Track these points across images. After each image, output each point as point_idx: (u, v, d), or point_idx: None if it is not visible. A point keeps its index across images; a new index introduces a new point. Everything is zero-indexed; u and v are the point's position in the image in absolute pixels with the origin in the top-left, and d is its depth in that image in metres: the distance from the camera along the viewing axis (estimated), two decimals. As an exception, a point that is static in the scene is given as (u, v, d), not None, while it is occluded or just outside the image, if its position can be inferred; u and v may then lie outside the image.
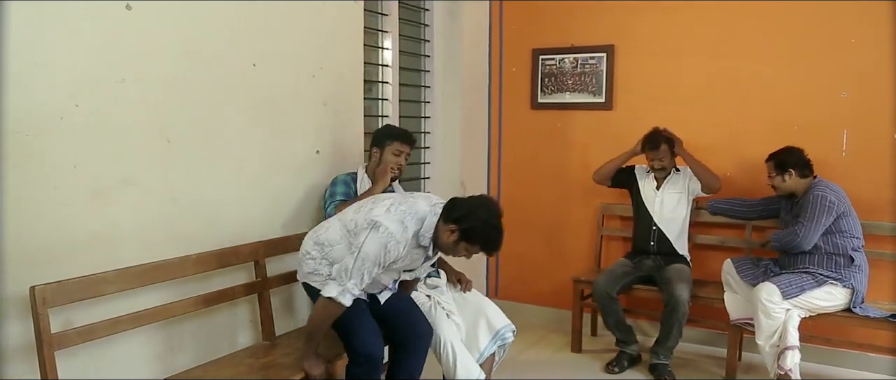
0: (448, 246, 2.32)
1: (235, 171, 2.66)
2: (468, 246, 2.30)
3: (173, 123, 2.39)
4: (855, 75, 3.42)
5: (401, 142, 2.89)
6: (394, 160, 2.89)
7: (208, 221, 2.55)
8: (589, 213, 4.12)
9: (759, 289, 3.08)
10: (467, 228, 2.26)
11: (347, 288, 2.19)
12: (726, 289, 3.38)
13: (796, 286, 3.06)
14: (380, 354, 2.32)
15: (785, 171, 3.19)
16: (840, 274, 3.08)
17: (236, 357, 2.49)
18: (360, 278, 2.20)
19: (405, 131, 2.97)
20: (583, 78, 4.05)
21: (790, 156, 3.20)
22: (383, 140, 2.91)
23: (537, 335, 4.03)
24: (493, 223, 2.30)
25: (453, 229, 2.26)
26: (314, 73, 3.01)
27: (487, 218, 2.29)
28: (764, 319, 3.05)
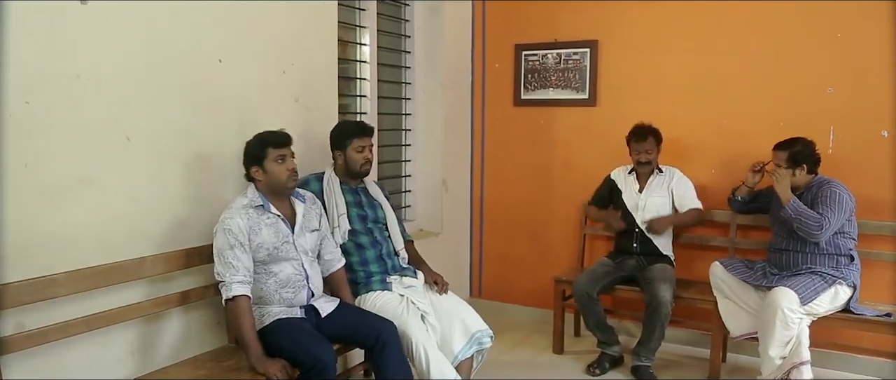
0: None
1: (200, 169, 2.59)
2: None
3: (132, 120, 2.32)
4: (841, 71, 3.35)
5: (360, 137, 2.84)
6: (360, 157, 2.84)
7: (172, 221, 2.48)
8: (572, 211, 4.05)
9: (778, 296, 2.87)
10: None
11: (226, 283, 2.29)
12: (718, 295, 3.23)
13: (811, 290, 2.91)
14: (328, 359, 2.24)
15: (798, 165, 3.05)
16: (844, 273, 3.00)
17: (198, 360, 2.42)
18: (228, 268, 2.30)
19: (360, 124, 2.92)
20: (566, 74, 3.98)
21: (806, 150, 3.06)
22: (343, 141, 2.86)
23: (520, 336, 3.96)
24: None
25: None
26: (285, 69, 2.94)
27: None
28: (780, 329, 2.86)
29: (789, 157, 3.06)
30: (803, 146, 3.07)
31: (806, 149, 3.06)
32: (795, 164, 3.05)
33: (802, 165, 3.05)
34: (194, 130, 2.55)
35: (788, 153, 3.06)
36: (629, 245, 3.50)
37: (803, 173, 3.07)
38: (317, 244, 2.62)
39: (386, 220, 3.02)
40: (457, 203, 4.30)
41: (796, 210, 2.98)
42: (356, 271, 2.87)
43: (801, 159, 3.05)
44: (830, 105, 3.37)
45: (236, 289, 2.29)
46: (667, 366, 3.52)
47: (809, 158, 3.06)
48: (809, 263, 3.02)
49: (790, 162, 3.05)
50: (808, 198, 3.07)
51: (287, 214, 2.51)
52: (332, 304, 2.61)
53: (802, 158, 3.05)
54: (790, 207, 2.99)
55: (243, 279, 2.32)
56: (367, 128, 2.89)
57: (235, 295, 2.28)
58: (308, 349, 2.24)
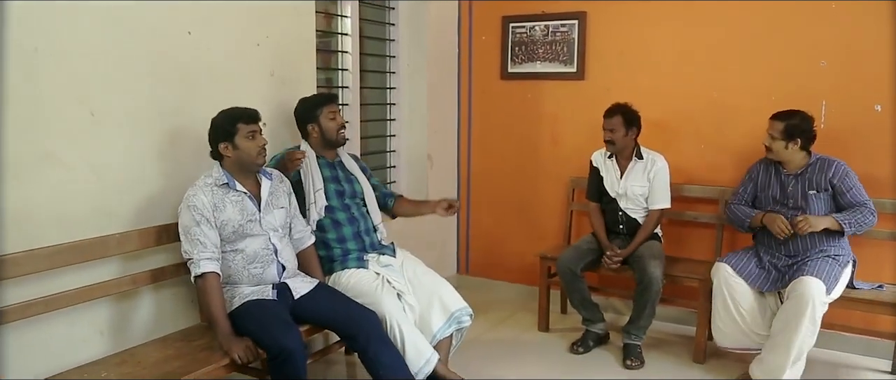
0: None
1: (171, 145, 2.53)
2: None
3: (97, 95, 2.25)
4: (834, 44, 3.25)
5: (328, 105, 2.81)
6: (335, 124, 2.81)
7: (142, 199, 2.43)
8: (560, 187, 3.98)
9: (809, 288, 2.66)
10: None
11: (194, 260, 2.26)
12: (716, 299, 3.01)
13: (833, 276, 2.77)
14: (294, 346, 2.19)
15: (792, 138, 2.90)
16: (848, 250, 2.94)
17: (168, 339, 2.39)
18: (195, 245, 2.27)
19: (324, 94, 2.93)
20: (554, 47, 3.88)
21: (803, 124, 2.90)
22: (313, 113, 2.81)
23: (506, 313, 3.93)
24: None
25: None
26: (259, 42, 2.85)
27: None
28: (808, 325, 2.67)
29: (785, 129, 2.90)
30: (801, 120, 2.92)
31: (804, 123, 2.92)
32: (790, 137, 2.91)
33: (797, 140, 2.92)
34: (164, 106, 2.48)
35: (785, 125, 2.90)
36: (615, 226, 3.43)
37: (796, 148, 2.93)
38: (285, 221, 2.56)
39: (364, 195, 2.96)
40: (443, 179, 4.23)
41: (853, 225, 2.84)
42: (332, 248, 2.82)
43: (796, 133, 2.91)
44: (823, 79, 3.28)
45: (205, 266, 2.24)
46: (652, 344, 3.49)
47: (805, 133, 2.93)
48: (819, 245, 2.90)
49: (785, 134, 2.91)
50: (812, 179, 2.93)
51: (253, 191, 2.45)
52: (308, 285, 2.56)
53: (799, 132, 2.91)
54: (848, 231, 2.84)
55: (212, 256, 2.27)
56: (332, 95, 2.87)
57: (204, 272, 2.24)
58: (274, 336, 2.19)
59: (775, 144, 2.95)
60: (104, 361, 2.21)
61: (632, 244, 3.30)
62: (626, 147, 3.34)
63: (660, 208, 3.34)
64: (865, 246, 3.21)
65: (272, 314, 2.29)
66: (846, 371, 3.19)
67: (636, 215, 3.37)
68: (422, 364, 2.56)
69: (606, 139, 3.32)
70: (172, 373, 2.09)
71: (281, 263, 2.48)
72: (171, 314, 2.54)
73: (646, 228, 3.32)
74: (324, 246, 2.83)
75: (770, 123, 2.98)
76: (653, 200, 3.33)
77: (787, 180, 3.00)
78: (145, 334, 2.45)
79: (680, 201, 3.62)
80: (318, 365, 3.20)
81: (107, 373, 2.09)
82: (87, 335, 2.29)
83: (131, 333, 2.43)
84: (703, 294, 3.21)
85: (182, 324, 2.55)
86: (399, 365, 2.45)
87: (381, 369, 2.41)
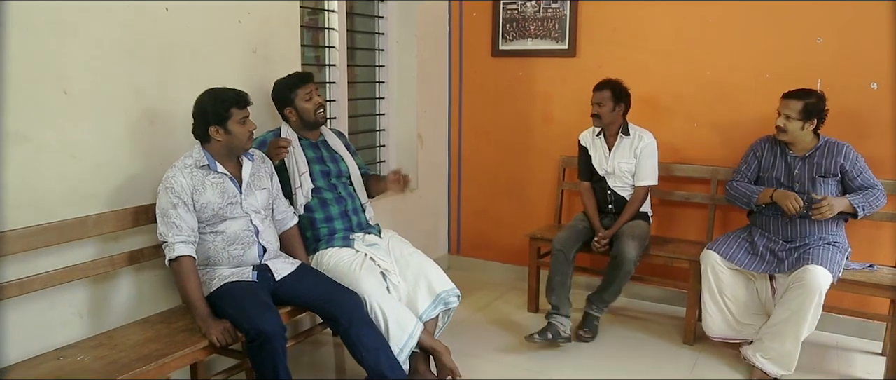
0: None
1: (149, 124, 2.47)
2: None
3: (70, 73, 2.19)
4: (831, 20, 3.17)
5: (302, 86, 2.74)
6: (312, 105, 2.75)
7: (119, 179, 2.38)
8: (551, 166, 3.93)
9: (816, 278, 2.61)
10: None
11: (169, 243, 2.23)
12: (705, 287, 2.97)
13: (837, 265, 2.73)
14: (272, 329, 2.15)
15: (809, 119, 2.78)
16: (845, 236, 2.91)
17: (148, 321, 2.36)
18: (171, 228, 2.24)
19: (297, 74, 2.81)
20: (545, 23, 3.80)
21: (821, 103, 2.79)
22: (288, 95, 2.74)
23: (496, 294, 3.90)
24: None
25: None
26: (240, 18, 2.79)
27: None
28: (814, 314, 2.65)
29: (804, 108, 2.78)
30: (819, 99, 2.81)
31: (820, 102, 2.81)
32: (808, 117, 2.80)
33: (813, 120, 2.81)
34: (141, 84, 2.42)
35: (804, 104, 2.78)
36: (605, 205, 3.39)
37: (811, 128, 2.83)
38: (268, 202, 2.52)
39: (350, 173, 2.91)
40: (433, 158, 4.19)
41: (867, 208, 2.78)
42: (319, 228, 2.79)
43: (814, 113, 2.80)
44: (818, 56, 3.21)
45: (179, 249, 2.21)
46: (642, 324, 3.47)
47: (822, 113, 2.83)
48: (819, 231, 2.85)
49: (803, 114, 2.78)
50: (820, 163, 2.85)
51: (234, 172, 2.41)
52: (290, 266, 2.53)
53: (816, 112, 2.80)
54: (860, 213, 2.78)
55: (187, 239, 2.24)
56: (306, 75, 2.79)
57: (179, 255, 2.21)
58: (252, 319, 2.16)
59: (791, 125, 2.83)
60: (81, 343, 2.18)
61: (616, 223, 3.27)
62: (613, 123, 3.28)
63: (646, 185, 3.29)
64: (861, 226, 3.17)
65: (251, 297, 2.26)
66: (837, 353, 3.16)
67: (625, 193, 3.33)
68: (405, 339, 2.53)
69: (593, 113, 3.26)
70: (149, 356, 2.06)
71: (262, 244, 2.44)
72: (152, 296, 2.52)
73: (630, 206, 3.28)
74: (311, 226, 2.79)
75: (784, 102, 2.86)
76: (639, 176, 3.29)
77: (794, 162, 2.92)
78: (125, 316, 2.42)
79: (671, 181, 3.57)
80: (305, 346, 3.19)
81: (82, 356, 2.06)
82: (66, 318, 2.26)
83: (111, 315, 2.40)
84: (693, 275, 3.18)
85: (163, 306, 2.52)
86: (381, 346, 2.42)
87: (363, 351, 2.39)
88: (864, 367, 3.03)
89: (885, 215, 3.12)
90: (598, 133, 3.37)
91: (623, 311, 3.67)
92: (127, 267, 2.40)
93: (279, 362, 2.19)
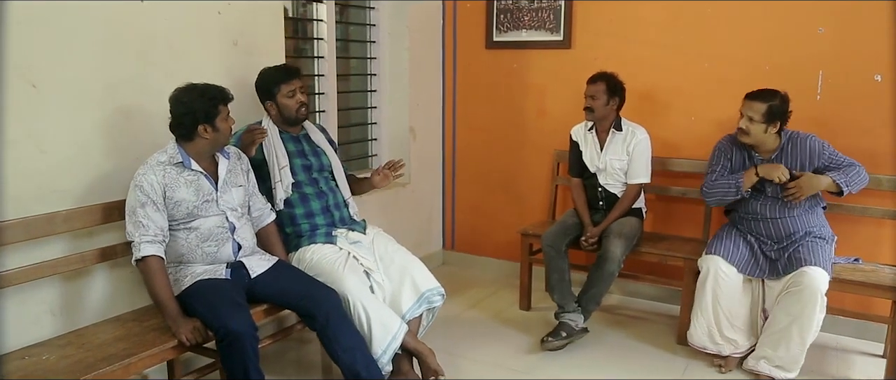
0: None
1: (124, 119, 2.43)
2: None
3: (39, 66, 2.14)
4: (833, 9, 3.05)
5: (287, 81, 2.65)
6: (293, 102, 2.67)
7: (92, 175, 2.34)
8: (545, 160, 3.85)
9: (816, 280, 2.53)
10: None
11: (135, 243, 2.17)
12: (699, 296, 2.81)
13: (828, 260, 2.64)
14: (242, 328, 2.10)
15: (772, 121, 2.69)
16: (828, 227, 2.83)
17: (121, 319, 2.32)
18: (138, 227, 2.18)
19: (284, 67, 2.72)
20: (540, 14, 3.70)
21: (784, 105, 2.70)
22: (270, 90, 2.67)
23: (489, 291, 3.83)
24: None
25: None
26: (220, 10, 2.73)
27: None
28: (818, 315, 2.56)
29: (768, 110, 2.67)
30: (782, 101, 2.70)
31: (784, 104, 2.71)
32: (771, 120, 2.69)
33: (776, 122, 2.71)
34: (115, 78, 2.38)
35: (768, 107, 2.67)
36: (596, 202, 3.30)
37: (774, 131, 2.72)
38: (244, 199, 2.47)
39: (332, 168, 2.85)
40: (427, 152, 4.12)
41: (851, 183, 2.68)
42: (300, 224, 2.73)
43: (777, 116, 2.70)
44: (820, 47, 3.10)
45: (145, 249, 2.16)
46: (634, 323, 3.39)
47: (785, 115, 2.72)
48: (806, 226, 2.76)
49: (766, 117, 2.68)
50: (785, 161, 2.75)
51: (209, 170, 2.35)
52: (266, 263, 2.47)
53: (780, 113, 2.70)
54: (845, 189, 2.67)
55: (154, 239, 2.19)
56: (292, 69, 2.71)
57: (145, 255, 2.16)
58: (221, 317, 2.11)
59: (754, 127, 2.72)
60: (50, 342, 2.15)
61: (605, 220, 3.18)
62: (606, 118, 3.19)
63: (638, 183, 3.20)
64: (861, 224, 3.07)
65: (222, 295, 2.21)
66: (837, 354, 3.07)
67: (615, 190, 3.24)
68: (388, 340, 2.47)
69: (586, 106, 3.17)
70: (115, 356, 2.02)
71: (237, 241, 2.39)
72: (127, 293, 2.48)
73: (621, 204, 3.19)
74: (291, 221, 2.74)
75: (747, 103, 2.74)
76: (631, 173, 3.19)
77: (744, 160, 2.84)
78: (100, 314, 2.39)
79: (667, 176, 3.48)
80: (290, 343, 3.15)
81: (48, 355, 2.02)
82: (37, 315, 2.23)
83: (84, 312, 2.36)
84: (687, 273, 3.09)
85: (138, 303, 2.48)
86: (357, 346, 2.37)
87: (339, 351, 2.34)
88: (864, 369, 2.93)
89: (886, 213, 3.02)
90: (590, 127, 3.28)
91: (616, 309, 3.59)
92: (100, 264, 2.36)
93: (249, 361, 2.14)
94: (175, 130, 2.29)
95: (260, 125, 2.67)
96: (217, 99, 2.28)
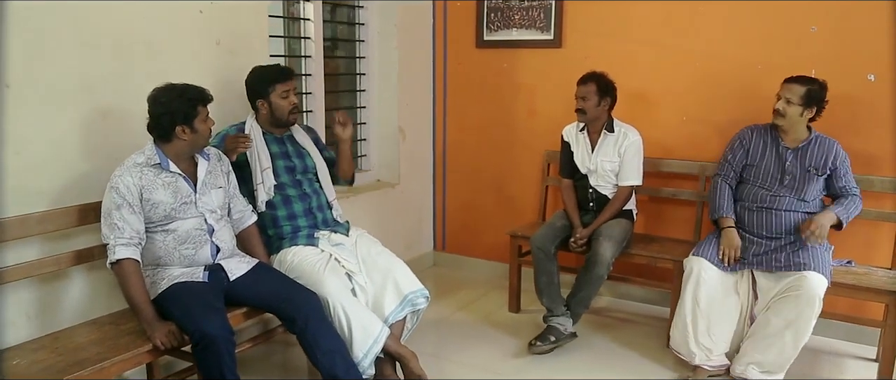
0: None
1: (101, 119, 2.40)
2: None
3: (13, 65, 2.11)
4: (827, 7, 3.00)
5: (282, 81, 2.62)
6: (287, 104, 2.64)
7: (69, 177, 2.31)
8: (536, 160, 3.81)
9: (814, 286, 2.48)
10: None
11: (110, 246, 2.14)
12: (683, 305, 2.72)
13: (828, 264, 2.61)
14: (217, 332, 2.06)
15: (810, 106, 2.66)
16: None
17: (97, 323, 2.29)
18: (113, 229, 2.14)
19: (279, 67, 2.69)
20: (530, 13, 3.66)
21: (822, 91, 2.66)
22: (264, 88, 2.63)
23: (479, 292, 3.79)
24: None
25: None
26: (202, 8, 2.70)
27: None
28: (813, 320, 2.52)
29: (806, 94, 2.64)
30: (821, 88, 2.69)
31: (823, 91, 2.69)
32: (809, 104, 2.67)
33: (813, 108, 2.69)
34: (93, 78, 2.35)
35: (807, 90, 2.64)
36: (586, 202, 3.26)
37: (808, 117, 2.71)
38: (224, 201, 2.44)
39: (316, 169, 2.82)
40: (418, 152, 4.08)
41: (849, 218, 2.69)
42: (282, 226, 2.70)
43: (815, 101, 2.67)
44: (812, 46, 3.05)
45: (120, 252, 2.12)
46: (623, 325, 3.35)
47: (822, 103, 2.70)
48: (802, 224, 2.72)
49: (805, 100, 2.65)
50: (812, 157, 2.72)
51: (188, 171, 2.32)
52: (246, 265, 2.44)
53: (817, 100, 2.68)
54: (844, 224, 2.68)
55: (129, 241, 2.15)
56: (288, 71, 2.68)
57: (119, 258, 2.12)
58: (196, 321, 2.07)
59: (791, 109, 2.69)
60: (24, 346, 2.11)
61: (595, 222, 3.13)
62: (598, 119, 3.15)
63: (629, 185, 3.15)
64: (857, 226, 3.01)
65: (198, 298, 2.17)
66: (829, 358, 3.02)
67: (606, 192, 3.19)
68: (370, 344, 2.44)
69: (577, 108, 3.13)
70: (89, 359, 1.99)
71: (215, 244, 2.35)
72: (105, 296, 2.44)
73: (612, 206, 3.15)
74: (273, 223, 2.70)
75: (787, 86, 2.72)
76: (622, 175, 3.15)
77: (786, 154, 2.78)
78: (77, 316, 2.36)
79: (659, 177, 3.44)
80: (275, 346, 3.12)
81: (19, 360, 1.99)
82: (13, 318, 2.20)
83: (61, 315, 2.34)
84: (677, 276, 3.04)
85: (116, 306, 2.44)
86: (338, 349, 2.33)
87: (318, 354, 2.30)
88: (856, 372, 2.89)
89: (879, 215, 2.97)
90: (581, 128, 3.24)
91: (605, 312, 3.55)
92: (77, 266, 2.33)
93: (225, 366, 2.10)
94: (153, 131, 2.26)
95: (244, 131, 2.63)
96: (196, 100, 2.25)
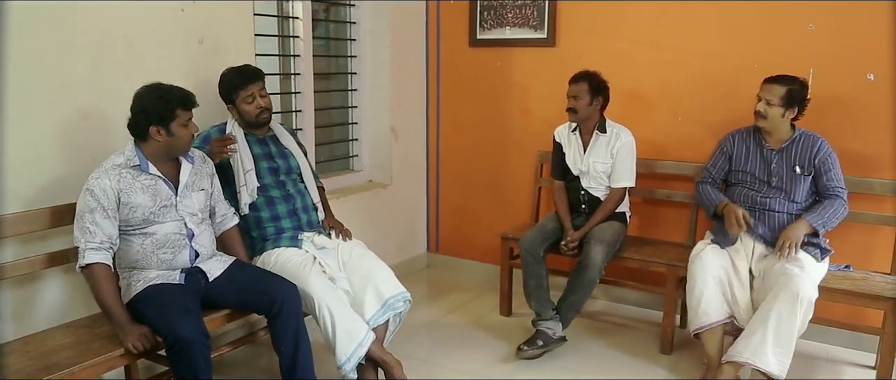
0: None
1: (79, 120, 2.37)
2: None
3: (-14, 65, 2.09)
4: (825, 5, 2.92)
5: (245, 86, 2.57)
6: (253, 108, 2.59)
7: (46, 179, 2.29)
8: (529, 161, 3.74)
9: (801, 287, 2.42)
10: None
11: (80, 250, 2.10)
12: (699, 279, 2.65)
13: (817, 270, 2.58)
14: (190, 335, 2.02)
15: (791, 106, 2.62)
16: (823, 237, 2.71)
17: (73, 326, 2.25)
18: (85, 233, 2.10)
19: (241, 71, 2.61)
20: (523, 11, 3.60)
21: (803, 91, 2.63)
22: (229, 95, 2.59)
23: (471, 295, 3.74)
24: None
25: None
26: (183, 7, 2.66)
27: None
28: (803, 318, 2.48)
29: (787, 94, 2.60)
30: (801, 86, 2.64)
31: (804, 90, 2.64)
32: (790, 104, 2.62)
33: (794, 108, 2.64)
34: (71, 78, 2.33)
35: (787, 90, 2.60)
36: (578, 204, 3.19)
37: (791, 117, 2.66)
38: (206, 204, 2.39)
39: (300, 170, 2.78)
40: (411, 152, 4.03)
41: (826, 225, 2.61)
42: (266, 227, 2.66)
43: (796, 101, 2.63)
44: (811, 45, 2.97)
45: (90, 256, 2.08)
46: (615, 330, 3.28)
47: (804, 102, 2.65)
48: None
49: (785, 100, 2.62)
50: (797, 156, 2.67)
51: (169, 174, 2.27)
52: (223, 264, 2.40)
53: (798, 99, 2.63)
54: (821, 231, 2.61)
55: (99, 246, 2.10)
56: (250, 73, 2.61)
57: (89, 263, 2.08)
58: (170, 323, 2.03)
59: (772, 111, 2.64)
60: (3, 347, 2.09)
61: (587, 224, 3.07)
62: (590, 119, 3.08)
63: (622, 187, 3.09)
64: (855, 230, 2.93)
65: (172, 300, 2.13)
66: (827, 365, 2.94)
67: (598, 194, 3.13)
68: (353, 348, 2.40)
69: (569, 107, 3.06)
70: (58, 365, 1.95)
71: (194, 248, 2.31)
72: (83, 298, 2.40)
73: (604, 208, 3.08)
74: (257, 225, 2.67)
75: (766, 86, 2.67)
76: (615, 177, 3.08)
77: (770, 155, 2.72)
78: (54, 319, 2.33)
79: (653, 178, 3.37)
80: (261, 348, 3.08)
81: (-13, 364, 1.96)
82: (-11, 320, 2.18)
83: (37, 318, 2.31)
84: (670, 280, 2.98)
85: (94, 308, 2.36)
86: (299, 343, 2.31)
87: (281, 346, 2.31)
88: (854, 380, 2.81)
89: (878, 219, 2.89)
90: (573, 129, 3.17)
91: (598, 316, 3.48)
92: (53, 268, 2.30)
93: (200, 369, 2.06)
94: (131, 129, 2.22)
95: (230, 134, 2.59)
96: (175, 103, 2.19)
